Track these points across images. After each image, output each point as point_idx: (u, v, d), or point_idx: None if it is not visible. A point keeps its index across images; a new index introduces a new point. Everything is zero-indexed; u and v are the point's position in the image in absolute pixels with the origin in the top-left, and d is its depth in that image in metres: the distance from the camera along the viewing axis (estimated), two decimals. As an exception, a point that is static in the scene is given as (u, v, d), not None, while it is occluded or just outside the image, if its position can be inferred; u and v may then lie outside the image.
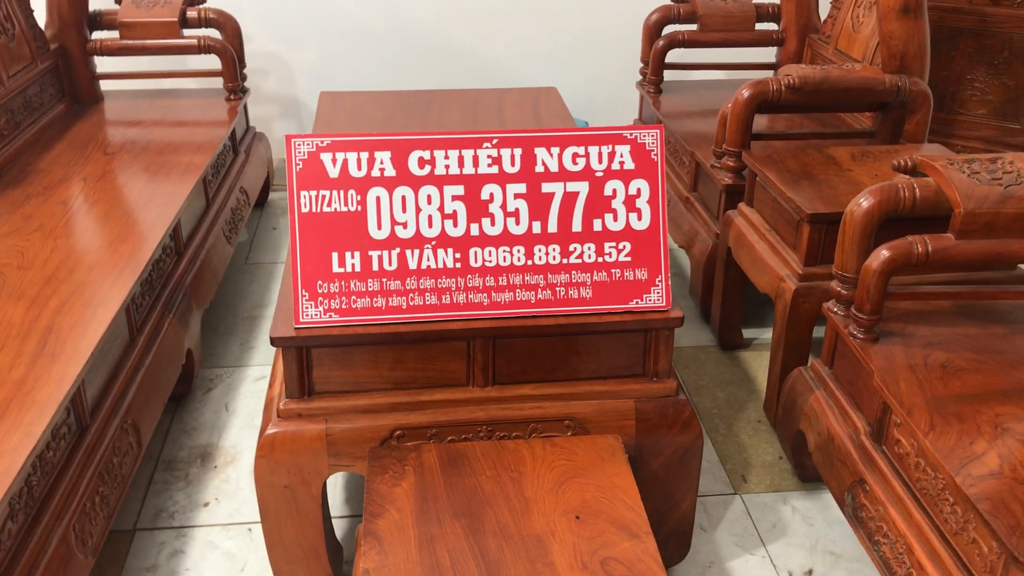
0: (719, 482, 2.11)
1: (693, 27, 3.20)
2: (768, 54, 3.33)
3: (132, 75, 3.14)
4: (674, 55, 3.23)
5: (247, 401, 2.37)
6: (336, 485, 2.08)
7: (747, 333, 2.65)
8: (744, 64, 3.34)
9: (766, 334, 2.67)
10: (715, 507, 2.03)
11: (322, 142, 1.57)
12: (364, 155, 1.58)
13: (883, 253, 1.71)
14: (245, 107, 3.19)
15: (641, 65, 3.31)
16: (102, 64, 3.10)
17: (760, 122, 2.60)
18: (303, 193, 1.57)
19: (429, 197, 1.60)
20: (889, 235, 1.75)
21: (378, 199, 1.58)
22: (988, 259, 1.71)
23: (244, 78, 3.15)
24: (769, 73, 3.29)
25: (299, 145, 1.57)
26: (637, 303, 1.63)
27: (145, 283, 2.10)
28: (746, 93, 2.40)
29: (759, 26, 3.24)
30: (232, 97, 3.10)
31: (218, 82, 3.16)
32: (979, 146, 3.15)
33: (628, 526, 1.44)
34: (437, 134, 1.60)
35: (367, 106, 2.70)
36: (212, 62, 3.16)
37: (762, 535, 1.96)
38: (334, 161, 1.57)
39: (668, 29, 3.22)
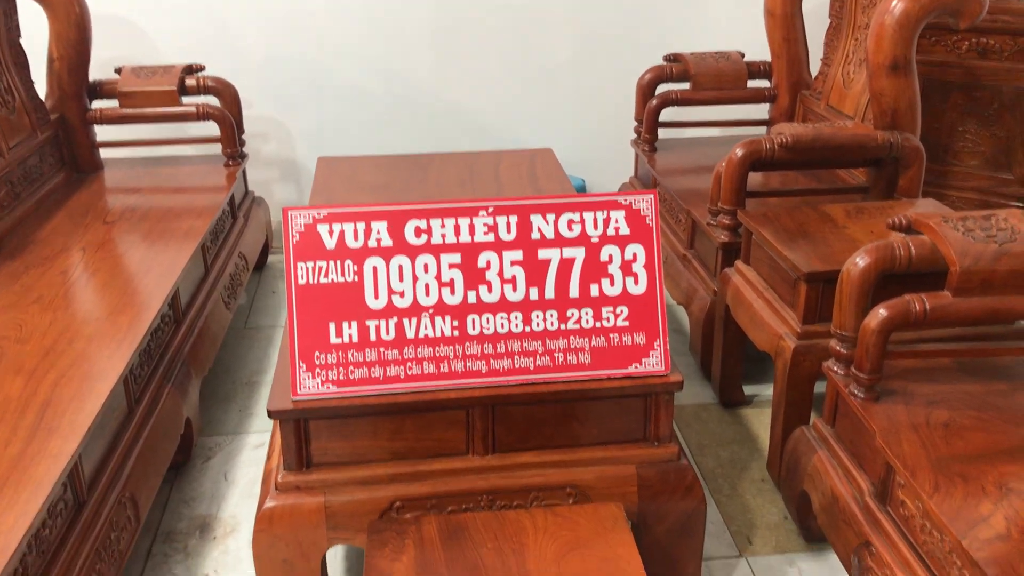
0: (724, 544, 2.08)
1: (686, 86, 3.24)
2: (761, 111, 3.37)
3: (132, 143, 3.17)
4: (668, 113, 3.27)
5: (246, 470, 2.35)
6: (336, 556, 2.05)
7: (748, 390, 2.64)
8: (737, 121, 3.37)
9: (767, 390, 2.66)
10: (720, 570, 2.00)
11: (319, 214, 1.58)
12: (360, 225, 1.59)
13: (881, 312, 1.71)
14: (244, 172, 3.22)
15: (636, 124, 3.35)
16: (102, 132, 3.14)
17: (755, 179, 2.61)
18: (300, 264, 1.57)
19: (426, 266, 1.60)
20: (886, 292, 1.76)
21: (375, 269, 1.59)
22: (986, 316, 1.71)
23: (243, 144, 3.18)
24: (762, 130, 3.33)
25: (296, 217, 1.58)
26: (636, 367, 1.63)
27: (144, 353, 2.09)
28: (739, 152, 2.42)
29: (751, 83, 3.28)
30: (231, 163, 3.12)
31: (217, 148, 3.19)
32: (973, 196, 3.17)
33: (632, 598, 1.42)
34: (433, 203, 1.62)
35: (364, 171, 2.72)
36: (211, 128, 3.19)
37: (769, 599, 1.94)
38: (331, 232, 1.58)
39: (661, 88, 3.26)
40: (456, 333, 1.60)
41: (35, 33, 2.95)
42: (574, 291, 1.63)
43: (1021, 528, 1.42)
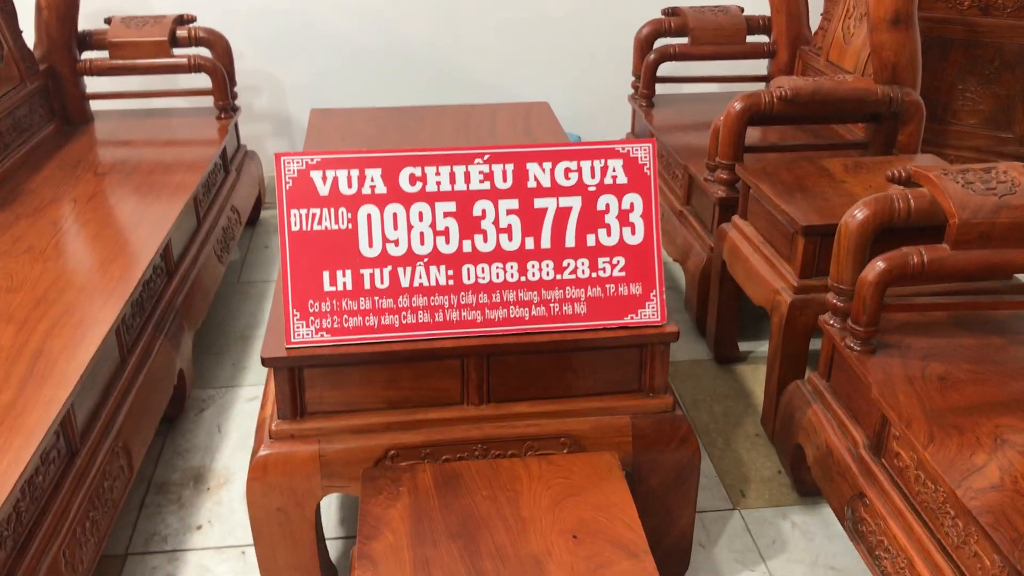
0: (718, 498, 2.09)
1: (684, 40, 3.20)
2: (759, 66, 3.33)
3: (122, 95, 3.13)
4: (666, 68, 3.23)
5: (240, 422, 2.34)
6: (331, 506, 2.05)
7: (743, 346, 2.63)
8: (736, 76, 3.34)
9: (762, 347, 2.65)
10: (714, 523, 2.01)
11: (312, 160, 1.56)
12: (354, 172, 1.57)
13: (879, 264, 1.70)
14: (236, 125, 3.18)
15: (633, 79, 3.31)
16: (92, 84, 3.09)
17: (753, 134, 2.59)
18: (293, 211, 1.55)
19: (421, 214, 1.58)
20: (884, 246, 1.74)
21: (369, 216, 1.57)
22: (984, 269, 1.70)
23: (235, 96, 3.14)
24: (761, 85, 3.29)
25: (289, 163, 1.55)
26: (632, 318, 1.62)
27: (136, 304, 2.08)
28: (738, 106, 2.39)
29: (750, 38, 3.24)
30: (223, 116, 3.08)
31: (209, 100, 3.15)
32: (972, 156, 3.15)
33: (626, 545, 1.42)
34: (428, 150, 1.59)
35: (358, 123, 2.69)
36: (203, 81, 3.14)
37: (762, 551, 1.94)
38: (324, 179, 1.56)
39: (659, 42, 3.22)
40: (451, 282, 1.59)
41: (22, -19, 2.90)
42: (570, 241, 1.61)
43: (1014, 478, 1.42)
